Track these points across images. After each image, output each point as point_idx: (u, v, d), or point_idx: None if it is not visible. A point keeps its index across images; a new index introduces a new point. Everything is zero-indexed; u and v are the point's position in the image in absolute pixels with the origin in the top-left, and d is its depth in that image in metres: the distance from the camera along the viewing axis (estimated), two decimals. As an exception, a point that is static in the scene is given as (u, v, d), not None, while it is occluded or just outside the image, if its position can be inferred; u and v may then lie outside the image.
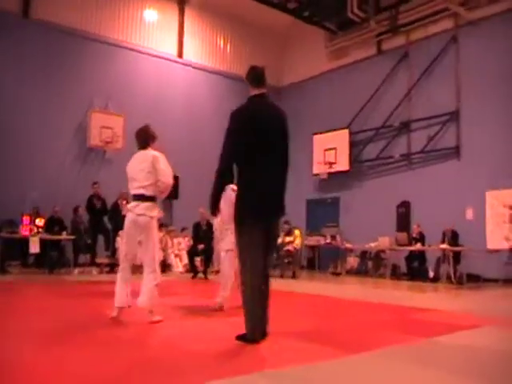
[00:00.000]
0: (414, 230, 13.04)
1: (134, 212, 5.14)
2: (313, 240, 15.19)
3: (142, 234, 5.13)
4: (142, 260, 5.24)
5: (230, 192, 5.19)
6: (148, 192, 5.14)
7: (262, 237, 4.02)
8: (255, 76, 4.25)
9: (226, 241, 6.33)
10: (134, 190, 5.24)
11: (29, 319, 5.28)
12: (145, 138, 5.35)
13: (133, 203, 5.22)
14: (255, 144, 4.00)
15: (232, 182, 4.53)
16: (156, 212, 5.22)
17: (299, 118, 15.69)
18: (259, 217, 4.03)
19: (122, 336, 4.58)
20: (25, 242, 10.81)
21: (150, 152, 5.25)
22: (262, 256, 4.03)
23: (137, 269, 5.88)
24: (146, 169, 5.13)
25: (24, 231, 10.76)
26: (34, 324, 4.98)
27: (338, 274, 13.82)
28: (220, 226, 6.60)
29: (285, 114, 4.30)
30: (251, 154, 4.02)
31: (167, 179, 5.19)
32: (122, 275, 5.26)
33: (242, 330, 4.05)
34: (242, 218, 4.07)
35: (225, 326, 5.12)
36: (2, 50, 13.13)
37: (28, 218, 11.00)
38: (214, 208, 4.26)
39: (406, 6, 14.87)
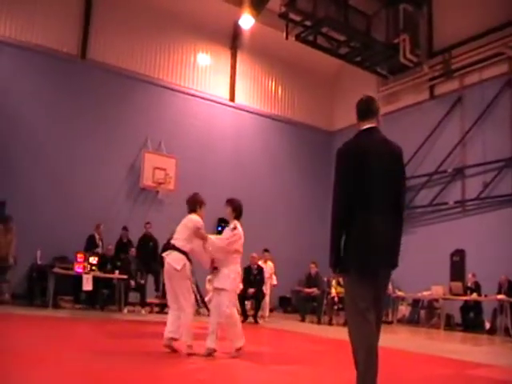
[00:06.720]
0: (470, 279, 12.64)
1: None
2: (363, 286, 14.74)
3: None
4: None
5: None
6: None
7: (369, 289, 3.47)
8: (359, 108, 3.71)
9: None
10: None
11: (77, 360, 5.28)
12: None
13: None
14: (366, 186, 3.44)
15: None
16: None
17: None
18: (368, 267, 3.49)
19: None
20: (78, 278, 10.99)
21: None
22: (368, 311, 3.44)
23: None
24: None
25: (78, 268, 10.95)
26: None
27: (389, 323, 13.37)
28: None
29: (400, 149, 3.64)
30: (363, 198, 3.44)
31: None
32: None
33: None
34: (349, 266, 3.50)
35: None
36: (60, 89, 13.70)
37: (82, 255, 11.21)
38: (337, 265, 3.54)
39: (459, 50, 14.78)
